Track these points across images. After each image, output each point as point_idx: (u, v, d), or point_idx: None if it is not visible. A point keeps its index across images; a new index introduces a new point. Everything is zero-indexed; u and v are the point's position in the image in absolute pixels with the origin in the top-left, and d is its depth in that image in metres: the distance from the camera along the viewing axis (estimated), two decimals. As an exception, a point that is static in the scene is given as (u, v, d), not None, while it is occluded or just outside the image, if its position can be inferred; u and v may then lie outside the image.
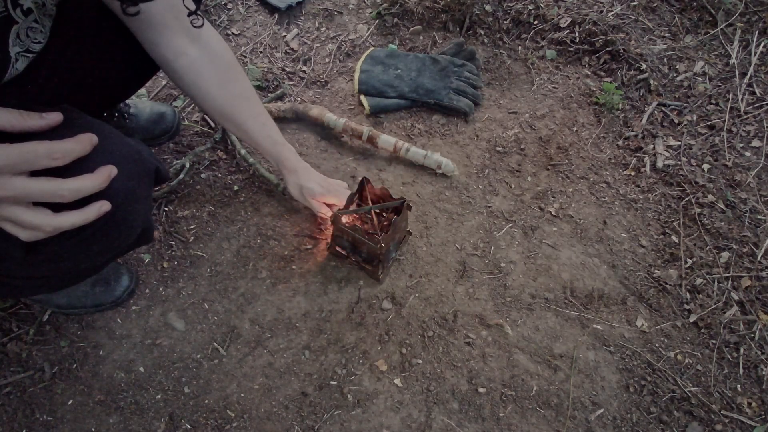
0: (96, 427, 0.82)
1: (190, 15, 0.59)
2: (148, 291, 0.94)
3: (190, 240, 1.00)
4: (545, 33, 1.41)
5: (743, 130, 1.28)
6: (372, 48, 1.33)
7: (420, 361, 0.91)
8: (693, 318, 1.00)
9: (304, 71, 1.29)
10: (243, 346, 0.90)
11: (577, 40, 1.39)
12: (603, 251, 1.07)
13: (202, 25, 0.64)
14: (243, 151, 1.09)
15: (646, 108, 1.31)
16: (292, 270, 0.99)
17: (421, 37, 1.38)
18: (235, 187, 1.08)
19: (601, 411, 0.89)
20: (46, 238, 0.47)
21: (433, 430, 0.85)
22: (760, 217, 1.13)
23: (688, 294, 1.03)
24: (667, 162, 1.21)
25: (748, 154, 1.24)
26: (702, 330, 0.99)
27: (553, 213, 1.11)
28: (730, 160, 1.22)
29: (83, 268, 0.68)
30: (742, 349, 0.97)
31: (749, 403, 0.92)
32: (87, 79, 0.68)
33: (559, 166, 1.19)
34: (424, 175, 1.14)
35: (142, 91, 1.19)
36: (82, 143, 0.46)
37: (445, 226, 1.07)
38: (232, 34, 1.33)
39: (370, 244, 0.89)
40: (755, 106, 1.31)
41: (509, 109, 1.28)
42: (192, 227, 1.02)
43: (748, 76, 1.35)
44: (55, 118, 0.46)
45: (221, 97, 0.81)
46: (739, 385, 0.94)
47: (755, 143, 1.26)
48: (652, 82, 1.33)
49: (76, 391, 0.84)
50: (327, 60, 1.32)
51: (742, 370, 0.95)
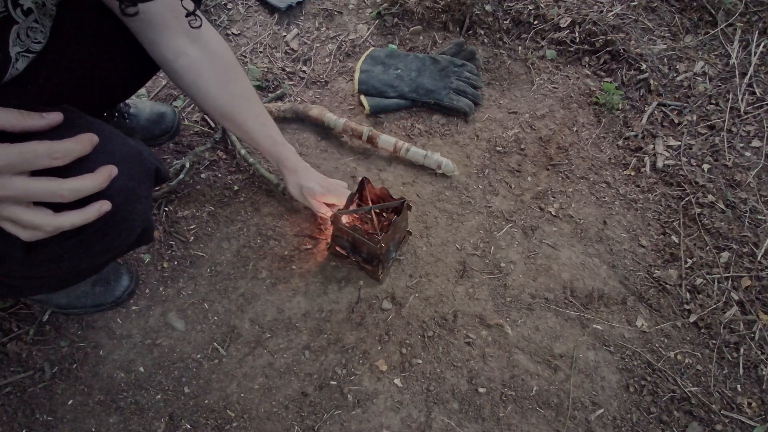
0: (96, 427, 0.82)
1: (188, 15, 0.59)
2: (148, 291, 0.94)
3: (190, 240, 1.00)
4: (545, 33, 1.41)
5: (743, 130, 1.28)
6: (372, 48, 1.33)
7: (420, 361, 0.91)
8: (693, 318, 1.00)
9: (304, 71, 1.29)
10: (243, 346, 0.90)
11: (577, 40, 1.39)
12: (603, 251, 1.07)
13: (200, 25, 0.64)
14: (243, 151, 1.09)
15: (646, 108, 1.31)
16: (292, 270, 0.99)
17: (421, 37, 1.38)
18: (235, 187, 1.08)
19: (601, 411, 0.89)
20: (47, 238, 0.47)
21: (433, 430, 0.85)
22: (760, 217, 1.13)
23: (688, 294, 1.03)
24: (667, 162, 1.21)
25: (748, 154, 1.24)
26: (702, 330, 0.99)
27: (553, 213, 1.11)
28: (730, 160, 1.22)
29: (83, 268, 0.68)
30: (742, 349, 0.97)
31: (749, 403, 0.92)
32: (87, 79, 0.68)
33: (559, 166, 1.19)
34: (424, 175, 1.14)
35: (142, 91, 1.19)
36: (83, 143, 0.46)
37: (445, 226, 1.07)
38: (232, 34, 1.33)
39: (370, 244, 0.89)
40: (755, 106, 1.31)
41: (509, 109, 1.28)
42: (192, 227, 1.02)
43: (748, 76, 1.35)
44: (55, 117, 0.46)
45: (221, 97, 0.81)
46: (739, 385, 0.94)
47: (755, 143, 1.26)
48: (652, 82, 1.33)
49: (76, 391, 0.84)
50: (327, 60, 1.32)
51: (742, 370, 0.95)
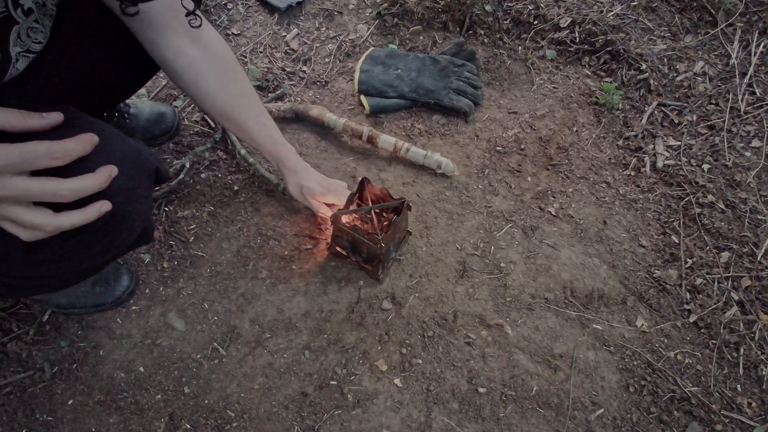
0: (96, 427, 0.82)
1: (188, 15, 0.59)
2: (148, 291, 0.94)
3: (190, 240, 1.00)
4: (545, 33, 1.41)
5: (743, 130, 1.28)
6: (372, 48, 1.33)
7: (420, 361, 0.91)
8: (693, 318, 1.00)
9: (304, 71, 1.29)
10: (243, 346, 0.90)
11: (577, 40, 1.39)
12: (603, 251, 1.07)
13: (200, 25, 0.63)
14: (243, 151, 1.09)
15: (646, 108, 1.31)
16: (292, 270, 0.99)
17: (421, 37, 1.38)
18: (235, 187, 1.08)
19: (601, 411, 0.89)
20: (47, 237, 0.47)
21: (433, 430, 0.85)
22: (760, 217, 1.13)
23: (688, 294, 1.03)
24: (667, 162, 1.21)
25: (748, 154, 1.24)
26: (702, 330, 0.99)
27: (553, 213, 1.11)
28: (730, 160, 1.22)
29: (83, 268, 0.68)
30: (742, 349, 0.97)
31: (749, 403, 0.92)
32: (87, 79, 0.68)
33: (559, 166, 1.19)
34: (424, 175, 1.14)
35: (142, 91, 1.19)
36: (83, 143, 0.46)
37: (445, 226, 1.07)
38: (232, 34, 1.33)
39: (370, 244, 0.89)
40: (755, 106, 1.31)
41: (509, 109, 1.28)
42: (192, 227, 1.02)
43: (748, 76, 1.35)
44: (55, 117, 0.46)
45: (221, 97, 0.81)
46: (739, 385, 0.94)
47: (755, 143, 1.26)
48: (652, 82, 1.33)
49: (76, 391, 0.84)
50: (327, 60, 1.32)
51: (742, 370, 0.95)
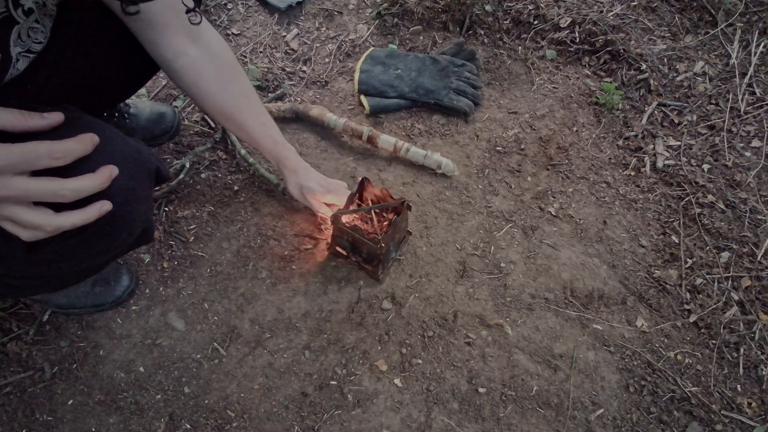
0: (96, 427, 0.82)
1: (188, 12, 0.59)
2: (148, 291, 0.94)
3: (190, 240, 1.00)
4: (545, 33, 1.41)
5: (743, 130, 1.28)
6: (372, 48, 1.33)
7: (420, 361, 0.91)
8: (693, 318, 1.00)
9: (304, 71, 1.29)
10: (243, 346, 0.90)
11: (577, 40, 1.39)
12: (603, 251, 1.07)
13: (199, 22, 0.63)
14: (243, 151, 1.09)
15: (646, 108, 1.31)
16: (292, 270, 0.99)
17: (421, 37, 1.38)
18: (235, 187, 1.08)
19: (601, 411, 0.89)
20: (47, 237, 0.47)
21: (433, 430, 0.85)
22: (760, 217, 1.13)
23: (688, 294, 1.03)
24: (667, 162, 1.21)
25: (748, 154, 1.24)
26: (702, 330, 0.99)
27: (553, 213, 1.11)
28: (730, 160, 1.22)
29: (83, 268, 0.68)
30: (742, 349, 0.97)
31: (749, 403, 0.92)
32: (87, 79, 0.68)
33: (559, 166, 1.19)
34: (424, 175, 1.14)
35: (142, 91, 1.19)
36: (84, 143, 0.46)
37: (445, 226, 1.07)
38: (232, 34, 1.33)
39: (370, 244, 0.89)
40: (755, 106, 1.31)
41: (509, 109, 1.28)
42: (192, 227, 1.02)
43: (748, 76, 1.35)
44: (56, 117, 0.46)
45: (221, 97, 0.81)
46: (739, 385, 0.94)
47: (755, 143, 1.26)
48: (652, 82, 1.33)
49: (76, 391, 0.84)
50: (327, 60, 1.32)
51: (742, 370, 0.95)
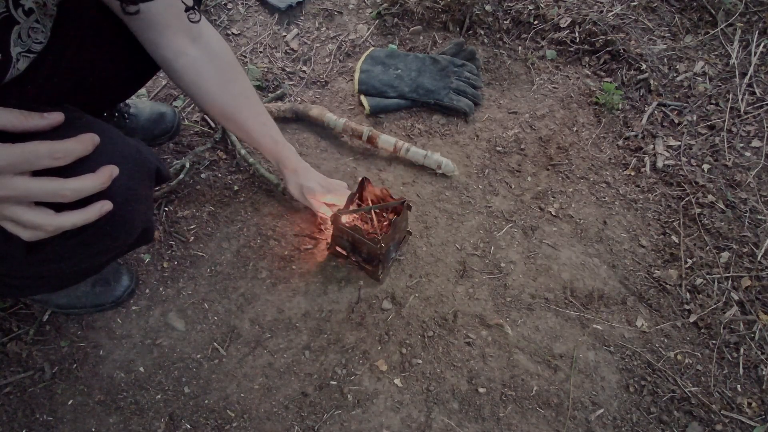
0: (96, 427, 0.82)
1: (187, 10, 0.59)
2: (148, 291, 0.94)
3: (190, 240, 1.00)
4: (545, 33, 1.41)
5: (743, 130, 1.28)
6: (372, 48, 1.33)
7: (420, 361, 0.91)
8: (693, 318, 1.00)
9: (304, 71, 1.29)
10: (243, 346, 0.90)
11: (577, 40, 1.39)
12: (603, 251, 1.07)
13: (198, 20, 0.63)
14: (243, 151, 1.09)
15: (646, 108, 1.31)
16: (292, 270, 0.99)
17: (421, 37, 1.38)
18: (235, 187, 1.08)
19: (601, 411, 0.89)
20: (48, 237, 0.47)
21: (433, 430, 0.85)
22: (760, 217, 1.13)
23: (688, 294, 1.03)
24: (667, 162, 1.21)
25: (748, 154, 1.24)
26: (702, 330, 0.99)
27: (553, 213, 1.11)
28: (730, 160, 1.22)
29: (84, 268, 0.68)
30: (742, 349, 0.97)
31: (749, 403, 0.92)
32: (87, 79, 0.68)
33: (559, 166, 1.19)
34: (424, 175, 1.14)
35: (142, 91, 1.19)
36: (84, 143, 0.46)
37: (445, 226, 1.07)
38: (232, 34, 1.33)
39: (370, 244, 0.89)
40: (755, 106, 1.31)
41: (509, 109, 1.28)
42: (192, 227, 1.02)
43: (748, 76, 1.35)
44: (56, 117, 0.46)
45: (221, 97, 0.81)
46: (739, 385, 0.94)
47: (755, 143, 1.26)
48: (652, 82, 1.33)
49: (76, 391, 0.84)
50: (327, 60, 1.32)
51: (742, 370, 0.95)
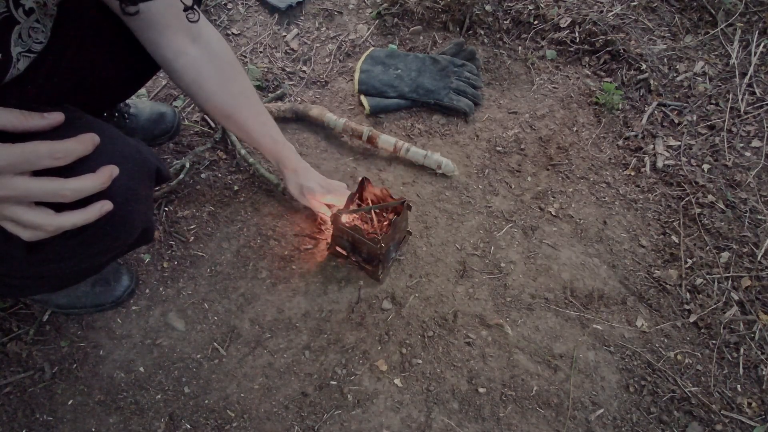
0: (96, 427, 0.82)
1: (186, 10, 0.59)
2: (148, 291, 0.94)
3: (190, 240, 1.00)
4: (545, 33, 1.41)
5: (743, 130, 1.28)
6: (372, 48, 1.33)
7: (420, 361, 0.91)
8: (693, 318, 1.00)
9: (304, 71, 1.29)
10: (243, 346, 0.90)
11: (577, 40, 1.39)
12: (603, 251, 1.07)
13: (197, 19, 0.63)
14: (243, 151, 1.09)
15: (646, 108, 1.31)
16: (292, 270, 0.99)
17: (421, 37, 1.38)
18: (235, 187, 1.08)
19: (601, 411, 0.89)
20: (48, 237, 0.47)
21: (433, 430, 0.85)
22: (760, 217, 1.13)
23: (688, 294, 1.03)
24: (667, 162, 1.21)
25: (748, 154, 1.24)
26: (702, 330, 0.99)
27: (553, 213, 1.11)
28: (730, 160, 1.22)
29: (84, 268, 0.68)
30: (742, 349, 0.97)
31: (749, 403, 0.92)
32: (87, 79, 0.68)
33: (559, 166, 1.19)
34: (424, 175, 1.14)
35: (142, 91, 1.19)
36: (84, 143, 0.46)
37: (445, 226, 1.07)
38: (232, 34, 1.33)
39: (370, 244, 0.89)
40: (755, 106, 1.31)
41: (509, 109, 1.28)
42: (192, 227, 1.02)
43: (748, 76, 1.35)
44: (56, 117, 0.46)
45: (221, 96, 0.81)
46: (739, 385, 0.94)
47: (755, 143, 1.26)
48: (652, 82, 1.33)
49: (76, 391, 0.84)
50: (327, 60, 1.32)
51: (742, 370, 0.95)
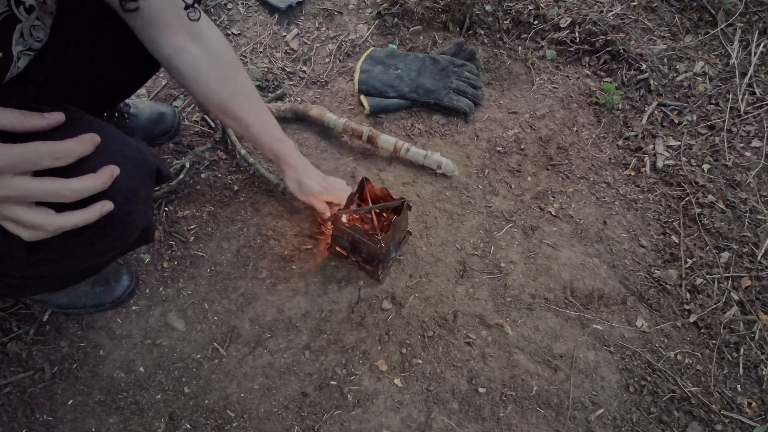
0: (96, 427, 0.82)
1: (186, 8, 0.59)
2: (148, 291, 0.94)
3: (190, 240, 1.00)
4: (545, 33, 1.41)
5: (743, 130, 1.28)
6: (372, 48, 1.33)
7: (420, 361, 0.91)
8: (693, 318, 1.00)
9: (304, 71, 1.29)
10: (243, 346, 0.90)
11: (577, 40, 1.39)
12: (603, 251, 1.07)
13: (198, 18, 0.63)
14: (243, 151, 1.09)
15: (646, 108, 1.31)
16: (292, 270, 0.99)
17: (421, 37, 1.38)
18: (235, 187, 1.08)
19: (601, 411, 0.89)
20: (48, 237, 0.47)
21: (433, 430, 0.85)
22: (760, 217, 1.13)
23: (688, 294, 1.03)
24: (667, 162, 1.21)
25: (748, 154, 1.24)
26: (702, 330, 0.99)
27: (553, 213, 1.11)
28: (730, 160, 1.22)
29: (84, 268, 0.68)
30: (742, 349, 0.97)
31: (749, 403, 0.92)
32: (87, 79, 0.68)
33: (559, 166, 1.19)
34: (424, 175, 1.14)
35: (142, 91, 1.19)
36: (85, 143, 0.46)
37: (445, 226, 1.07)
38: (232, 34, 1.33)
39: (370, 244, 0.89)
40: (755, 106, 1.31)
41: (509, 109, 1.28)
42: (192, 227, 1.02)
43: (748, 76, 1.35)
44: (57, 117, 0.46)
45: (221, 93, 0.81)
46: (739, 385, 0.94)
47: (755, 143, 1.26)
48: (652, 82, 1.33)
49: (76, 391, 0.84)
50: (327, 60, 1.32)
51: (742, 370, 0.96)
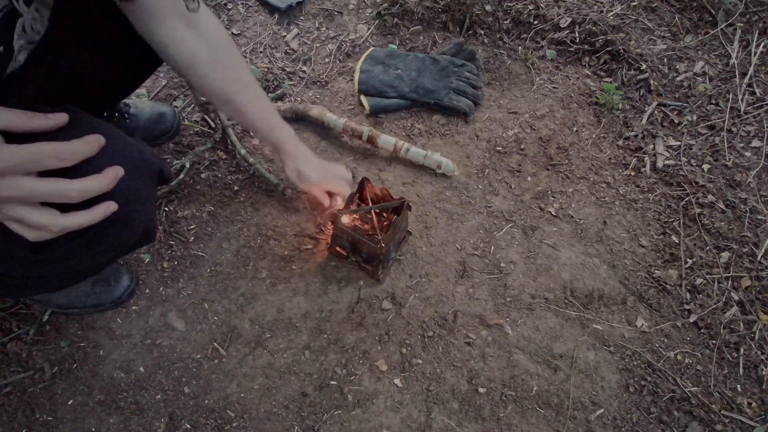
0: (96, 427, 0.82)
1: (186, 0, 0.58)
2: (148, 291, 0.94)
3: (190, 240, 1.00)
4: (545, 33, 1.41)
5: (743, 130, 1.28)
6: (372, 48, 1.33)
7: (420, 361, 0.91)
8: (693, 318, 1.00)
9: (304, 71, 1.29)
10: (243, 346, 0.90)
11: (577, 40, 1.39)
12: (603, 251, 1.07)
13: (197, 9, 0.63)
14: (243, 151, 1.09)
15: (646, 108, 1.31)
16: (292, 270, 0.99)
17: (421, 37, 1.38)
18: (235, 187, 1.08)
19: (601, 411, 0.89)
20: (52, 238, 0.47)
21: (433, 430, 0.85)
22: (760, 217, 1.13)
23: (688, 294, 1.03)
24: (667, 162, 1.21)
25: (748, 154, 1.24)
26: (702, 330, 0.99)
27: (553, 213, 1.11)
28: (730, 160, 1.22)
29: (85, 268, 0.68)
30: (742, 349, 0.97)
31: (749, 403, 0.92)
32: (87, 78, 0.68)
33: (559, 166, 1.19)
34: (424, 175, 1.14)
35: (142, 90, 1.19)
36: (90, 144, 0.46)
37: (445, 226, 1.07)
38: (232, 34, 1.33)
39: (370, 244, 0.89)
40: (755, 106, 1.31)
41: (509, 109, 1.28)
42: (192, 227, 1.02)
43: (748, 76, 1.35)
44: (60, 118, 0.46)
45: (218, 81, 0.79)
46: (739, 385, 0.94)
47: (755, 143, 1.26)
48: (652, 82, 1.33)
49: (76, 391, 0.84)
50: (327, 60, 1.32)
51: (742, 370, 0.96)
